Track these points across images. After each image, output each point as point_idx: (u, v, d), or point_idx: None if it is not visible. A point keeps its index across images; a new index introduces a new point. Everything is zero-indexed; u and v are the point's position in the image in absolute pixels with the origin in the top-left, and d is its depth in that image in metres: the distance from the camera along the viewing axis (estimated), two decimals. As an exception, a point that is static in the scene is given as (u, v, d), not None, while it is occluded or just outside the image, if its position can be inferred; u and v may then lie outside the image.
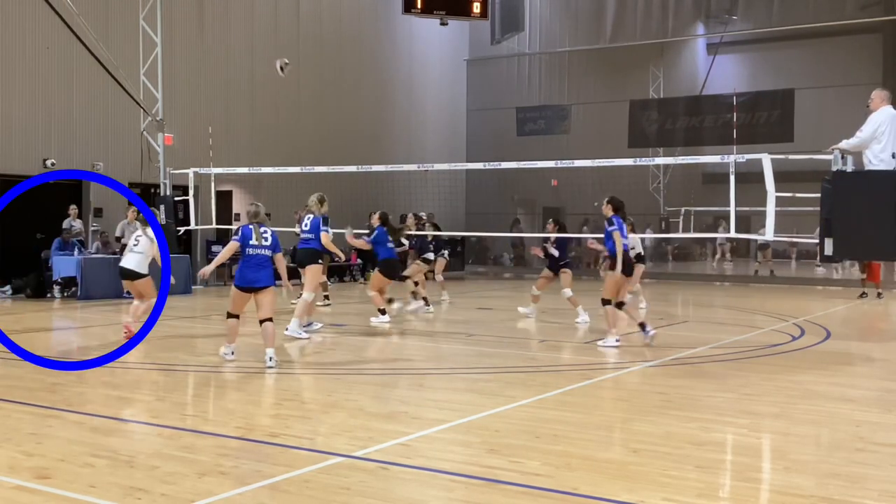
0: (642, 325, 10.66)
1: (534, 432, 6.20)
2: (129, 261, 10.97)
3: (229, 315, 9.28)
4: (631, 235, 15.78)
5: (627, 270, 10.65)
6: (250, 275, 9.09)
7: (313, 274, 11.61)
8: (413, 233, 15.54)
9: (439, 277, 17.08)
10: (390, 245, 12.93)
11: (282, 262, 9.51)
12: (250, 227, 9.25)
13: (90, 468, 5.22)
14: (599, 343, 10.58)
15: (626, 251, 10.59)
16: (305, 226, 11.93)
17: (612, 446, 5.84)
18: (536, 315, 13.88)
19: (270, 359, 8.82)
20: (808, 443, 6.19)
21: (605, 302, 10.54)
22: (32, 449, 5.65)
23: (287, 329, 11.09)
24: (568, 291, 13.28)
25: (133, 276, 10.94)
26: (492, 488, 4.89)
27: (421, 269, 15.16)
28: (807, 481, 5.08)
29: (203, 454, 5.56)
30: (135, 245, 10.98)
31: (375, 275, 13.15)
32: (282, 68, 17.20)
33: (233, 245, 9.22)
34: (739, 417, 6.80)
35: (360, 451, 5.63)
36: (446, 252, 17.38)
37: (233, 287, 9.34)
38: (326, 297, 15.32)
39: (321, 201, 12.21)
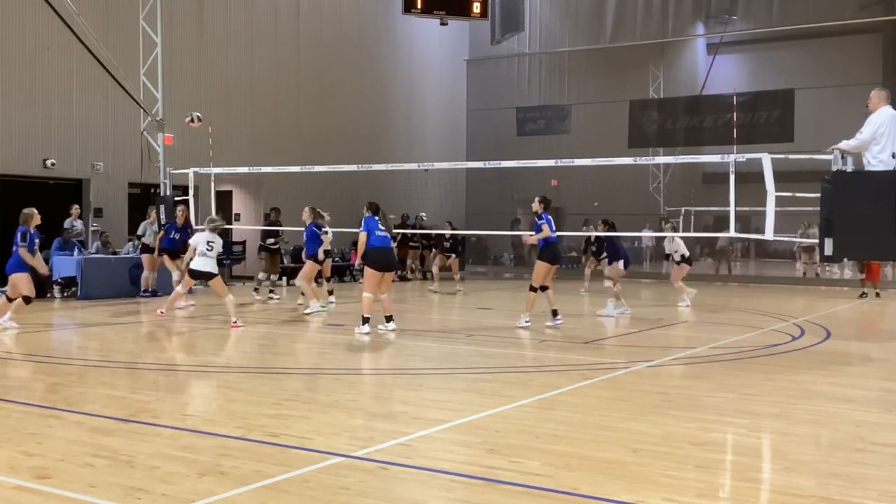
0: (554, 312, 12.32)
1: (534, 432, 6.20)
2: (208, 264, 12.40)
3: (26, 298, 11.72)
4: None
5: (552, 259, 12.43)
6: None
7: None
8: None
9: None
10: (379, 234, 11.84)
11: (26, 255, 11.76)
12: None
13: (90, 468, 5.22)
14: (517, 324, 12.33)
15: (553, 242, 12.34)
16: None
17: (612, 446, 5.84)
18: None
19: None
20: (808, 443, 6.19)
21: (533, 289, 12.37)
22: (32, 449, 5.65)
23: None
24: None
25: (210, 276, 12.47)
26: (492, 488, 4.89)
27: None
28: (807, 481, 5.08)
29: (203, 454, 5.56)
30: (209, 250, 12.41)
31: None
32: (192, 120, 17.70)
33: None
34: (739, 417, 6.80)
35: (360, 451, 5.63)
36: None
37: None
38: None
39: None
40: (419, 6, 23.77)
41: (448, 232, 20.76)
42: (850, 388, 8.30)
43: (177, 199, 18.02)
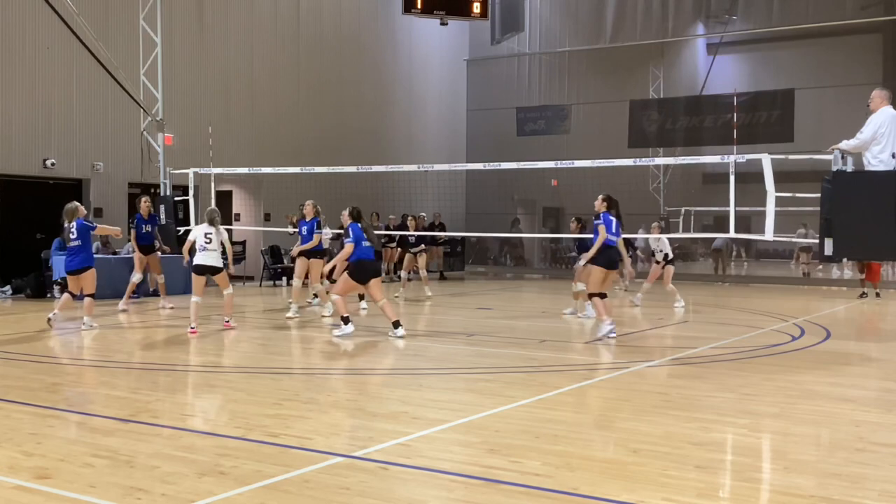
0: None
1: (534, 432, 6.21)
2: (209, 258, 11.84)
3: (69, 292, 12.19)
4: (662, 237, 15.94)
5: (608, 264, 11.24)
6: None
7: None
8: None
9: (423, 273, 18.24)
10: (366, 244, 11.58)
11: None
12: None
13: (90, 468, 5.22)
14: (599, 333, 11.21)
15: (607, 245, 11.18)
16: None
17: (612, 446, 5.84)
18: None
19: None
20: (808, 443, 6.19)
21: (592, 295, 11.30)
22: (32, 449, 5.65)
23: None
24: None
25: (214, 270, 11.97)
26: (492, 488, 4.89)
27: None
28: (807, 481, 5.09)
29: (203, 454, 5.56)
30: (207, 243, 11.83)
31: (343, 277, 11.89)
32: None
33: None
34: (739, 417, 6.81)
35: (360, 451, 5.64)
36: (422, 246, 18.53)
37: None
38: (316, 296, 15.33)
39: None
40: (419, 6, 23.77)
41: (410, 233, 19.15)
42: (850, 388, 8.30)
43: (177, 198, 18.03)
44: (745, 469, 5.45)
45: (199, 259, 11.86)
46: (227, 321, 12.19)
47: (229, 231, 21.58)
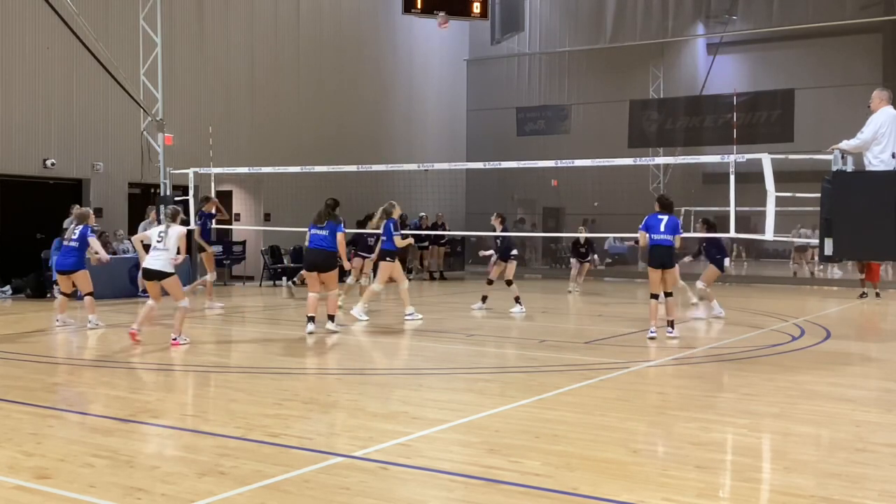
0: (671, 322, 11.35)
1: (534, 432, 6.21)
2: (156, 260, 10.28)
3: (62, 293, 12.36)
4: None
5: (653, 262, 11.28)
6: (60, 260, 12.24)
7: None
8: (499, 233, 15.62)
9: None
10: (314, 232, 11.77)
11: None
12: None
13: (90, 468, 5.22)
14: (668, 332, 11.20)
15: (655, 244, 11.26)
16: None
17: (612, 446, 5.84)
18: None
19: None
20: (808, 443, 6.20)
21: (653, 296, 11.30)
22: (32, 449, 5.65)
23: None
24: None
25: (160, 276, 10.27)
26: (492, 488, 4.89)
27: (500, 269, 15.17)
28: (807, 481, 5.09)
29: (203, 454, 5.56)
30: (158, 242, 10.28)
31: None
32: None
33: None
34: (739, 417, 6.81)
35: (360, 451, 5.64)
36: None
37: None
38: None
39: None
40: (419, 6, 23.75)
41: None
42: (850, 388, 8.31)
43: (177, 198, 18.02)
44: (745, 469, 5.45)
45: (146, 261, 10.48)
46: (175, 339, 10.36)
47: (229, 231, 21.68)
